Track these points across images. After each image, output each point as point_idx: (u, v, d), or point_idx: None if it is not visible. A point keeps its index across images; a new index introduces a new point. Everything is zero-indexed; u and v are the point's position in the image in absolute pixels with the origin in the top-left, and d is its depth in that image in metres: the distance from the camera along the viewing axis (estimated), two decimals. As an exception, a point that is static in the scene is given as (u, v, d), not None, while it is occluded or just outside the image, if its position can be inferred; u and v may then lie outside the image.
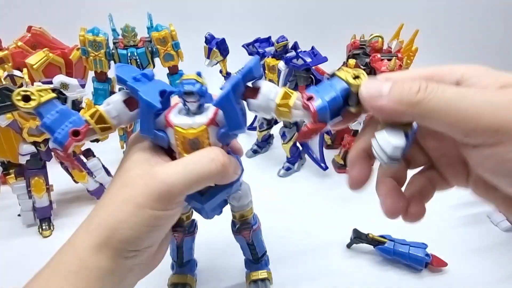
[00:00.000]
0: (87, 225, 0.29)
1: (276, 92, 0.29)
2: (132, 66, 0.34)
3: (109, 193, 0.30)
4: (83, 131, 0.30)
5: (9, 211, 0.68)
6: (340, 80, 0.26)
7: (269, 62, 0.73)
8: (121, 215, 0.27)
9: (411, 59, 0.72)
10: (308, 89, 0.28)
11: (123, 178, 0.30)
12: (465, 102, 0.20)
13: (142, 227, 0.28)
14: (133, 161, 0.30)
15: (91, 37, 0.70)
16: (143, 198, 0.27)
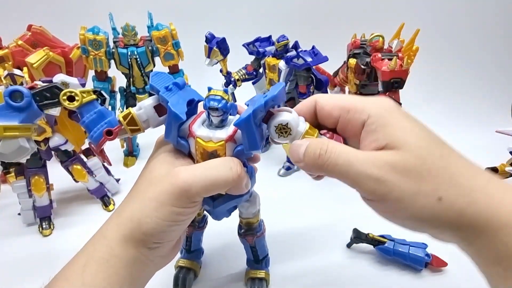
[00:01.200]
0: (117, 217, 0.32)
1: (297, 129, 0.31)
2: (166, 74, 0.36)
3: (137, 189, 0.33)
4: (116, 131, 0.34)
5: (9, 210, 0.68)
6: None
7: (269, 61, 0.73)
8: (146, 210, 0.30)
9: (412, 58, 0.71)
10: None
11: (148, 178, 0.33)
12: (352, 170, 0.26)
13: (164, 222, 0.30)
14: (159, 161, 0.33)
15: (91, 36, 0.70)
16: (166, 196, 0.30)
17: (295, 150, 0.30)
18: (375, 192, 0.26)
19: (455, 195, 0.25)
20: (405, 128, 0.27)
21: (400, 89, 0.69)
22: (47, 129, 0.59)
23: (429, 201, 0.25)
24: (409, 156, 0.25)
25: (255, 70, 0.80)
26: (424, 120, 0.94)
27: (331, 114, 0.30)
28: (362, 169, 0.26)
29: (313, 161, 0.28)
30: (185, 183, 0.30)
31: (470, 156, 0.29)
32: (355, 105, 0.29)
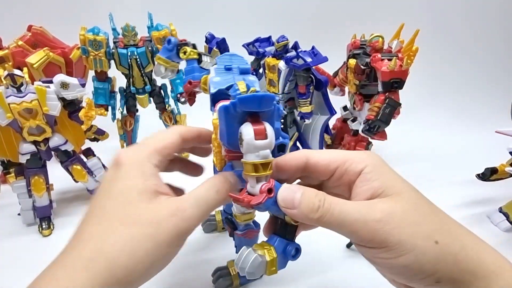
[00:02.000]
0: (89, 258, 0.26)
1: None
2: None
3: (110, 220, 0.28)
4: (195, 83, 0.42)
5: (9, 210, 0.68)
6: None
7: (269, 61, 0.73)
8: (137, 255, 0.26)
9: (412, 59, 0.72)
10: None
11: (136, 213, 0.28)
12: (348, 219, 0.26)
13: (156, 267, 0.28)
14: (146, 191, 0.29)
15: (91, 36, 0.70)
16: (167, 237, 0.27)
17: (289, 196, 0.28)
18: (374, 239, 0.26)
19: (449, 239, 0.26)
20: (397, 179, 0.29)
21: (400, 90, 0.69)
22: (47, 129, 0.59)
23: (428, 245, 0.25)
24: (405, 203, 0.27)
25: (255, 70, 0.80)
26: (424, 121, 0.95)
27: (329, 167, 0.31)
28: (359, 216, 0.26)
29: (309, 212, 0.27)
30: (185, 221, 0.28)
31: (470, 156, 0.29)
32: (351, 157, 0.30)
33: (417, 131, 0.99)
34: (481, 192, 0.73)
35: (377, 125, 0.68)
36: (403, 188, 0.28)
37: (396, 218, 0.26)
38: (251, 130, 0.27)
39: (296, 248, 0.33)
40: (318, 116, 0.77)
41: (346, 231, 0.27)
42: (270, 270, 0.31)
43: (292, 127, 0.80)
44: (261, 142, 0.27)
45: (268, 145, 0.28)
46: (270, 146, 0.28)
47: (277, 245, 0.32)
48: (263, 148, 0.28)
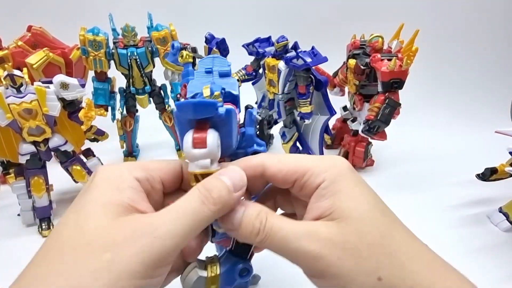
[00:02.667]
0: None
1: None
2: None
3: (64, 257, 0.21)
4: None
5: (8, 211, 0.68)
6: None
7: (269, 62, 0.73)
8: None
9: (411, 59, 0.72)
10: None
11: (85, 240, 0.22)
12: (289, 247, 0.24)
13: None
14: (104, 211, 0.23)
15: (91, 36, 0.70)
16: (128, 266, 0.21)
17: (229, 216, 0.26)
18: (314, 268, 0.24)
19: (396, 276, 0.23)
20: (353, 198, 0.25)
21: (400, 90, 0.69)
22: (46, 130, 0.59)
23: (368, 280, 0.23)
24: (350, 231, 0.24)
25: (254, 70, 0.80)
26: (424, 121, 0.95)
27: (287, 180, 0.27)
28: (298, 245, 0.24)
29: (249, 234, 0.25)
30: (161, 241, 0.22)
31: (470, 157, 0.29)
32: (312, 168, 0.27)
33: (417, 131, 0.99)
34: (481, 192, 0.73)
35: (377, 125, 0.68)
36: (354, 212, 0.25)
37: (336, 248, 0.23)
38: (189, 138, 0.25)
39: (246, 268, 0.31)
40: (318, 116, 0.77)
41: (288, 258, 0.25)
42: (209, 287, 0.30)
43: (292, 128, 0.80)
44: (198, 151, 0.25)
45: (207, 155, 0.25)
46: (210, 156, 0.26)
47: (224, 262, 0.30)
48: (201, 158, 0.25)
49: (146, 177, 0.26)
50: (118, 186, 0.24)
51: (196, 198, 0.24)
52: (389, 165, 0.85)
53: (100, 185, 0.24)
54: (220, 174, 0.25)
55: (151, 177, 0.27)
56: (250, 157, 0.29)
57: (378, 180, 0.80)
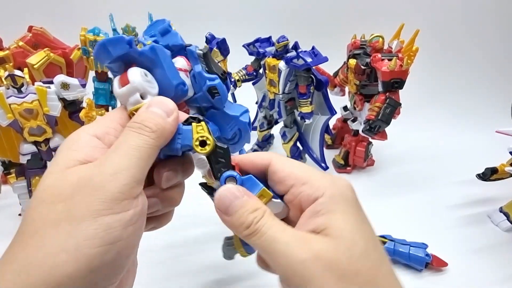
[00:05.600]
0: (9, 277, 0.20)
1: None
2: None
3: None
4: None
5: (10, 211, 0.68)
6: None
7: (269, 62, 0.73)
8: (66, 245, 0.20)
9: (412, 59, 0.72)
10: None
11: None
12: (274, 250, 0.23)
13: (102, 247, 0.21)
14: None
15: (92, 37, 0.70)
16: (95, 204, 0.21)
17: (226, 198, 0.25)
18: (293, 277, 0.23)
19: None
20: (349, 222, 0.25)
21: (400, 90, 0.69)
22: (47, 130, 0.59)
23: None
24: (341, 251, 0.23)
25: (255, 70, 0.80)
26: (424, 121, 0.95)
27: (284, 182, 0.27)
28: (286, 248, 0.23)
29: (239, 225, 0.25)
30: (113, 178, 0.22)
31: (470, 156, 0.29)
32: (312, 180, 0.26)
33: (417, 131, 0.99)
34: (481, 192, 0.73)
35: (378, 125, 0.68)
36: (350, 232, 0.24)
37: (322, 264, 0.22)
38: (115, 82, 0.26)
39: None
40: (319, 116, 0.77)
41: (270, 261, 0.24)
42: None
43: (293, 127, 0.80)
44: (123, 89, 0.25)
45: (133, 90, 0.25)
46: (137, 89, 0.25)
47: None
48: (130, 94, 0.25)
49: (105, 131, 0.25)
50: (73, 146, 0.24)
51: (130, 133, 0.24)
52: (389, 165, 0.85)
53: (58, 152, 0.25)
54: (148, 106, 0.25)
55: (112, 129, 0.26)
56: (260, 152, 0.30)
57: (378, 179, 0.80)
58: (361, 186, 0.78)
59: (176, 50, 0.31)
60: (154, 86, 0.27)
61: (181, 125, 0.27)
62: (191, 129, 0.27)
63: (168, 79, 0.27)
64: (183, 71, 0.30)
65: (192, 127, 0.27)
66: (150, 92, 0.26)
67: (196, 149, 0.27)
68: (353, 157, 0.81)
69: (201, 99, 0.31)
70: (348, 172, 0.82)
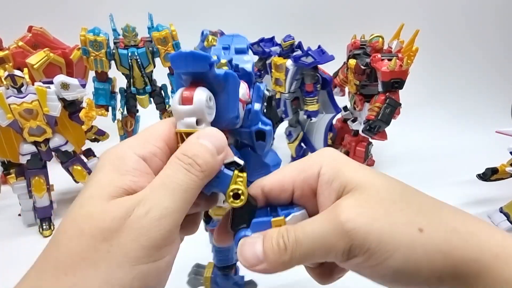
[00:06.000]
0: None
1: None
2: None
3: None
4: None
5: (9, 211, 0.68)
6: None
7: (276, 61, 0.73)
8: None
9: (412, 59, 0.72)
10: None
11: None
12: (316, 238, 0.22)
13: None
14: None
15: (91, 37, 0.70)
16: (138, 251, 0.20)
17: (249, 251, 0.23)
18: (350, 249, 0.21)
19: (434, 224, 0.21)
20: (357, 169, 0.24)
21: (400, 90, 0.69)
22: (47, 130, 0.59)
23: (411, 233, 0.21)
24: (372, 192, 0.22)
25: (259, 70, 0.80)
26: (424, 121, 0.95)
27: (285, 188, 0.25)
28: (323, 228, 0.21)
29: (279, 257, 0.22)
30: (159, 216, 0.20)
31: (470, 157, 0.29)
32: (305, 162, 0.25)
33: (417, 131, 0.99)
34: (481, 192, 0.73)
35: (378, 125, 0.68)
36: (364, 176, 0.23)
37: (365, 211, 0.21)
38: (178, 95, 0.24)
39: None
40: (323, 114, 0.78)
41: (319, 253, 0.22)
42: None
43: (297, 127, 0.81)
44: (183, 108, 0.24)
45: (192, 113, 0.24)
46: (196, 114, 0.24)
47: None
48: (186, 115, 0.24)
49: (153, 151, 0.23)
50: (119, 168, 0.22)
51: (179, 168, 0.22)
52: (389, 165, 0.85)
53: (101, 170, 0.22)
54: (199, 137, 0.23)
55: (159, 150, 0.24)
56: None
57: (378, 180, 0.80)
58: (361, 186, 0.78)
59: (242, 73, 0.29)
60: (213, 113, 0.25)
61: (223, 168, 0.25)
62: (231, 176, 0.25)
63: (227, 108, 0.26)
64: (242, 102, 0.28)
65: (233, 175, 0.25)
66: (206, 120, 0.25)
67: (227, 199, 0.25)
68: (353, 157, 0.81)
69: (244, 135, 0.30)
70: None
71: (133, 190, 0.21)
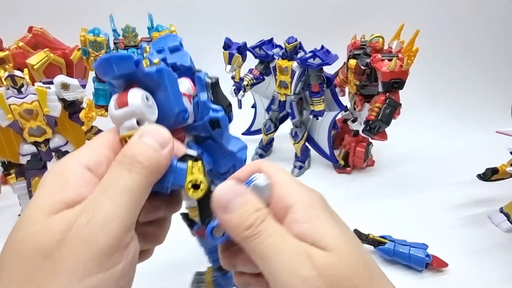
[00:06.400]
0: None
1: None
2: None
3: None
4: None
5: (9, 211, 0.68)
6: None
7: (281, 63, 0.73)
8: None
9: (412, 59, 0.72)
10: None
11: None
12: (276, 258, 0.21)
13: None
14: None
15: (91, 37, 0.70)
16: (83, 264, 0.18)
17: (227, 195, 0.23)
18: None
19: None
20: (336, 228, 0.22)
21: (400, 90, 0.69)
22: (47, 130, 0.59)
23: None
24: (342, 265, 0.21)
25: (261, 74, 0.79)
26: (424, 121, 0.95)
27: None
28: (289, 259, 0.21)
29: (238, 225, 0.22)
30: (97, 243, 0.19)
31: (470, 157, 0.28)
32: (280, 189, 0.24)
33: (417, 132, 0.99)
34: (481, 192, 0.73)
35: (378, 126, 0.68)
36: (339, 241, 0.22)
37: (326, 281, 0.20)
38: (112, 100, 0.24)
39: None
40: (327, 112, 0.78)
41: (265, 269, 0.21)
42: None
43: (302, 127, 0.81)
44: (120, 111, 0.23)
45: (130, 114, 0.23)
46: (134, 114, 0.23)
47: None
48: (125, 118, 0.23)
49: (98, 160, 0.22)
50: (61, 183, 0.21)
51: (119, 170, 0.21)
52: (389, 165, 0.85)
53: (41, 187, 0.21)
54: (140, 136, 0.22)
55: (104, 157, 0.23)
56: (249, 164, 0.27)
57: (378, 180, 0.80)
58: (361, 186, 0.78)
59: (183, 70, 0.29)
60: (154, 112, 0.25)
61: (176, 162, 0.24)
62: (186, 169, 0.24)
63: (170, 104, 0.25)
64: (187, 96, 0.28)
65: (187, 167, 0.24)
66: (148, 119, 0.24)
67: (187, 192, 0.24)
68: (353, 157, 0.81)
69: (200, 128, 0.29)
70: (348, 173, 0.82)
71: (75, 202, 0.20)
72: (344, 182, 0.80)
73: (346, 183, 0.79)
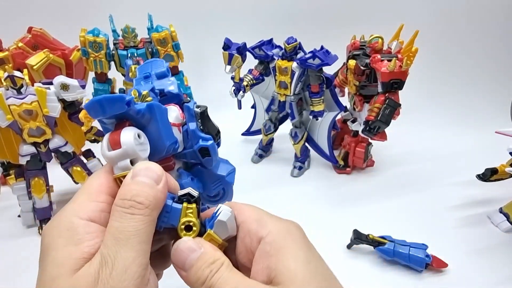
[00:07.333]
0: None
1: None
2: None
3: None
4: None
5: (9, 212, 0.68)
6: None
7: (281, 64, 0.73)
8: None
9: (411, 59, 0.72)
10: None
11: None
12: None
13: None
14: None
15: (91, 38, 0.70)
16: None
17: (183, 253, 0.24)
18: None
19: None
20: (300, 260, 0.23)
21: (400, 90, 0.69)
22: (47, 131, 0.59)
23: None
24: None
25: (260, 74, 0.79)
26: (424, 121, 0.95)
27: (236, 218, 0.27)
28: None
29: (195, 281, 0.23)
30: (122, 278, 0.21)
31: (470, 157, 0.28)
32: (251, 224, 0.25)
33: (417, 132, 0.99)
34: (481, 192, 0.73)
35: (377, 126, 0.68)
36: (298, 273, 0.23)
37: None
38: (105, 141, 0.24)
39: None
40: (327, 113, 0.78)
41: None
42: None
43: (302, 127, 0.81)
44: (113, 153, 0.24)
45: (124, 155, 0.24)
46: (127, 155, 0.24)
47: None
48: (119, 159, 0.24)
49: (99, 209, 0.24)
50: (72, 239, 0.22)
51: (123, 215, 0.22)
52: (389, 166, 0.85)
53: (53, 248, 0.23)
54: (133, 176, 0.23)
55: (105, 205, 0.24)
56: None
57: (378, 180, 0.80)
58: (361, 187, 0.78)
59: (170, 96, 0.30)
60: (146, 148, 0.25)
61: (171, 203, 0.25)
62: (180, 210, 0.25)
63: (161, 137, 0.26)
64: (176, 126, 0.29)
65: (182, 208, 0.25)
66: (140, 157, 0.24)
67: (180, 233, 0.25)
68: (353, 158, 0.81)
69: (190, 156, 0.30)
70: (347, 173, 0.82)
71: (91, 254, 0.22)
72: (344, 182, 0.80)
73: (346, 184, 0.79)
